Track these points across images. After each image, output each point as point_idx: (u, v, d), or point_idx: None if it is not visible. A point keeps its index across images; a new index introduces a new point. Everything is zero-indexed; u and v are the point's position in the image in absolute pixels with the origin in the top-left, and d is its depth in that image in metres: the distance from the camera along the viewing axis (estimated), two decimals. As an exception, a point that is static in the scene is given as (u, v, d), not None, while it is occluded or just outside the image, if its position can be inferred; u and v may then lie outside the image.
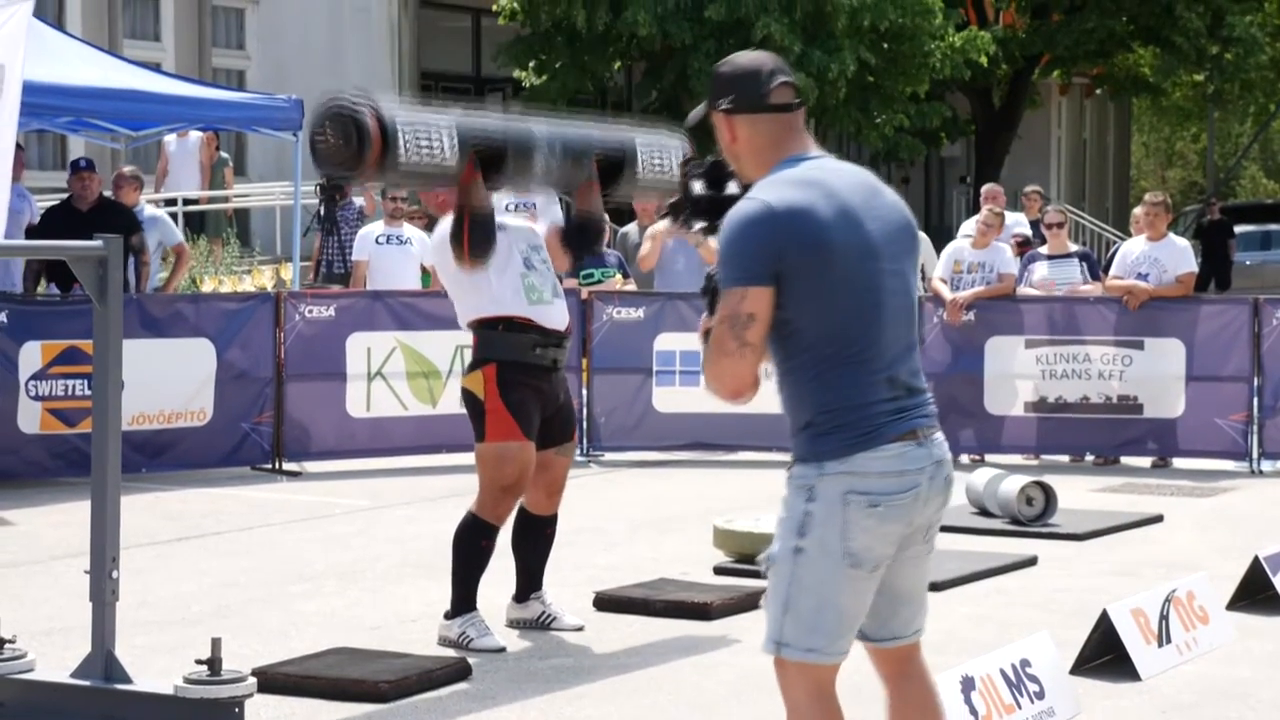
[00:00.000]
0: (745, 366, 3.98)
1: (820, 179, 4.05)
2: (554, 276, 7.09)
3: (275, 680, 6.03)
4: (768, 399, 11.54)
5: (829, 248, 3.97)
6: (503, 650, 6.78)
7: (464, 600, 6.89)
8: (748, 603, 7.41)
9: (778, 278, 3.95)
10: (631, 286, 13.29)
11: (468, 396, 6.97)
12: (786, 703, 4.06)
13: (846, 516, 3.97)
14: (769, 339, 4.02)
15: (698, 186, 4.33)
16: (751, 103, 4.13)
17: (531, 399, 6.89)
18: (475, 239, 6.68)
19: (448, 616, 6.88)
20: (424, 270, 13.84)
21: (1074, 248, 13.76)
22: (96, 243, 5.78)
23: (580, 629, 7.16)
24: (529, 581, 7.22)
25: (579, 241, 7.25)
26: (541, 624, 7.17)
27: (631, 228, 15.32)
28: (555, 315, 6.98)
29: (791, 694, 4.04)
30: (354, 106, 6.43)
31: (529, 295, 6.90)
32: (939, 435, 4.14)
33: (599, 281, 13.16)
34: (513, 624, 7.18)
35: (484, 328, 6.92)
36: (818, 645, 3.99)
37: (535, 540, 7.18)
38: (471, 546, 6.86)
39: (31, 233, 12.72)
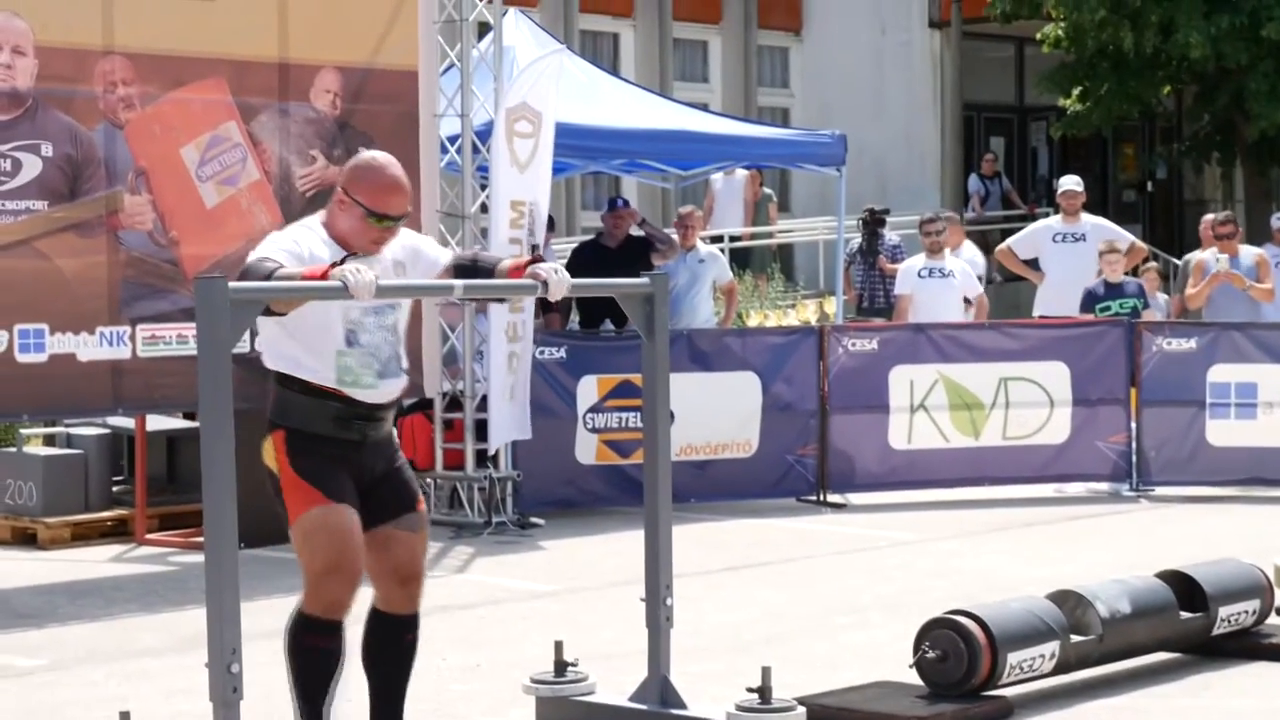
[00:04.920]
0: None
1: None
2: (394, 348, 5.50)
3: (814, 711, 6.06)
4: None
5: None
6: None
7: None
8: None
9: None
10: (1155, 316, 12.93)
11: (267, 473, 5.44)
12: None
13: None
14: None
15: None
16: None
17: (332, 463, 5.39)
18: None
19: None
20: (966, 302, 13.80)
21: None
22: (643, 280, 5.99)
23: None
24: (382, 706, 5.57)
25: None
26: None
27: (1192, 256, 14.78)
28: (374, 396, 5.45)
29: None
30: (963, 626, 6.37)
31: (341, 377, 5.38)
32: None
33: (1116, 314, 12.80)
34: None
35: (279, 382, 5.44)
36: None
37: (390, 650, 5.55)
38: (299, 649, 5.34)
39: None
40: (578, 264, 12.74)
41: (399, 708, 5.56)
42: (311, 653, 5.31)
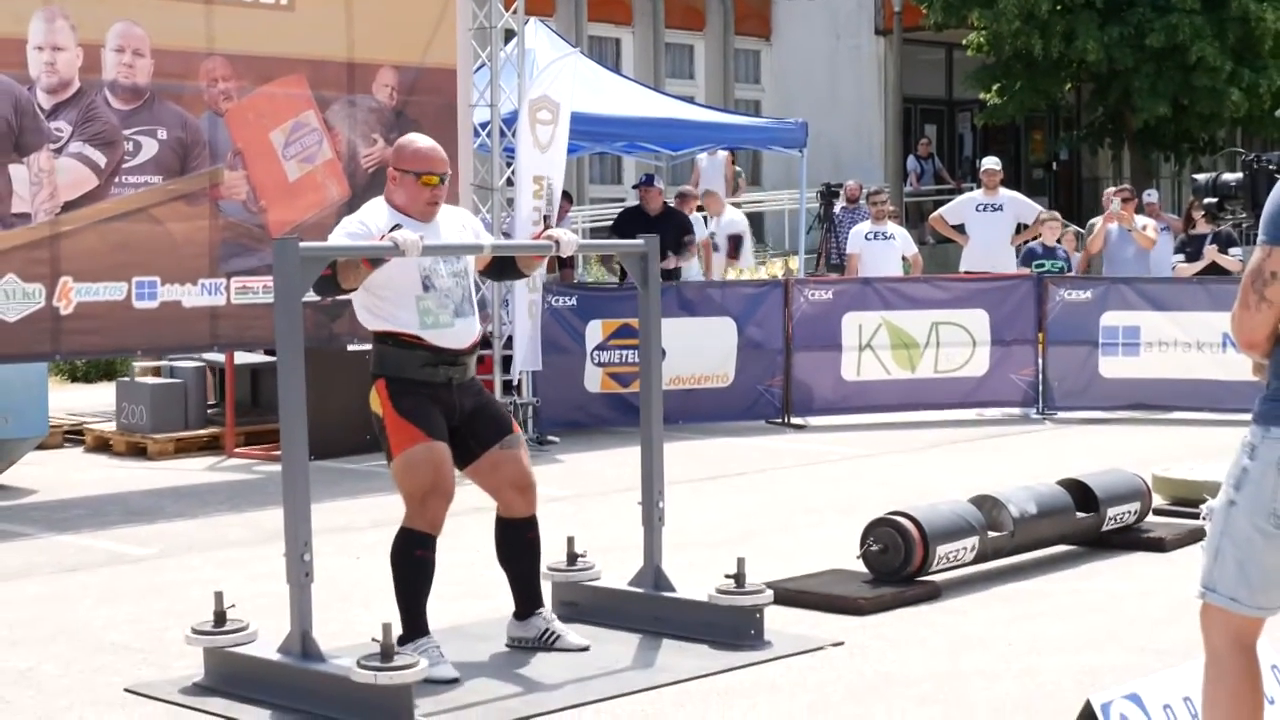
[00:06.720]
0: (1259, 321, 3.46)
1: None
2: (465, 290, 5.40)
3: (780, 593, 6.05)
4: (1201, 366, 10.98)
5: None
6: (457, 680, 5.12)
7: (412, 624, 5.22)
8: (1190, 539, 7.14)
9: None
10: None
11: (374, 417, 5.30)
12: (1205, 646, 3.56)
13: (1277, 481, 3.43)
14: None
15: None
16: None
17: (428, 404, 5.25)
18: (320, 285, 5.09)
19: (400, 642, 5.03)
20: (904, 260, 13.75)
21: None
22: (639, 242, 5.95)
23: (585, 649, 5.50)
24: (524, 596, 5.58)
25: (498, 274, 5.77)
26: (543, 643, 5.53)
27: (1097, 220, 14.79)
28: (452, 336, 5.30)
29: (1211, 638, 3.55)
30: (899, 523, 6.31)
31: (423, 319, 5.25)
32: None
33: (1050, 271, 12.77)
34: (513, 642, 5.57)
35: (377, 340, 5.34)
36: (1240, 596, 3.49)
37: (518, 548, 5.51)
38: (406, 559, 5.21)
39: (609, 229, 13.18)
40: (623, 225, 12.63)
41: (537, 592, 5.58)
42: (416, 562, 5.19)
